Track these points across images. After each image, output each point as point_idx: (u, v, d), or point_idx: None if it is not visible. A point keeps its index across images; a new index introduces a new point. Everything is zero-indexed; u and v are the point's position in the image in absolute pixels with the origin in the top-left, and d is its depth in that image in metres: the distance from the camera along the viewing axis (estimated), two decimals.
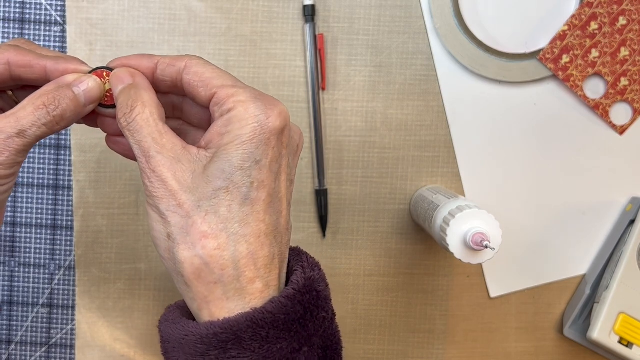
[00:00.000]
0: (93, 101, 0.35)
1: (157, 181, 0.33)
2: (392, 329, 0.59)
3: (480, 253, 0.45)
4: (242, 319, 0.32)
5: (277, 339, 0.32)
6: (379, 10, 0.56)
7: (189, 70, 0.35)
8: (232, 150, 0.33)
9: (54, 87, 0.34)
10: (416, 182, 0.58)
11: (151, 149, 0.33)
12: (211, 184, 0.33)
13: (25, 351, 0.59)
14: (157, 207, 0.33)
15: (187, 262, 0.32)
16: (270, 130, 0.33)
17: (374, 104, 0.57)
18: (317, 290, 0.34)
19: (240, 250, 0.33)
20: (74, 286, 0.58)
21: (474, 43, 0.56)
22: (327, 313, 0.35)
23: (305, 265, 0.35)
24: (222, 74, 0.35)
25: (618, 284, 0.53)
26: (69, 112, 0.34)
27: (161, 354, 0.36)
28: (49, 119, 0.33)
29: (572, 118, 0.57)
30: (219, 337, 0.32)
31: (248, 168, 0.33)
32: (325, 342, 0.34)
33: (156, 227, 0.33)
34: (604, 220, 0.58)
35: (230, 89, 0.34)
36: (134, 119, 0.34)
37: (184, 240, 0.32)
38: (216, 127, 0.34)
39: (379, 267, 0.58)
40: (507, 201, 0.58)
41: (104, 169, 0.57)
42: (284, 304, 0.33)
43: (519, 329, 0.59)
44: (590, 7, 0.55)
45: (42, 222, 0.58)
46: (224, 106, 0.34)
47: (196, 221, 0.32)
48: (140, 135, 0.34)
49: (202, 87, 0.34)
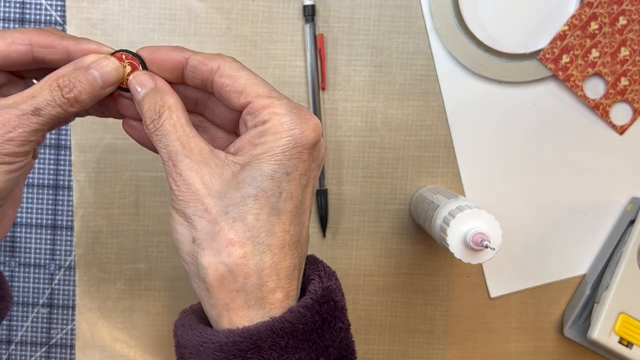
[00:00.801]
0: (111, 84, 0.35)
1: (184, 185, 0.33)
2: (392, 329, 0.59)
3: (480, 253, 0.45)
4: (262, 327, 0.32)
5: (295, 349, 0.32)
6: (379, 10, 0.56)
7: (222, 73, 0.34)
8: (264, 161, 0.32)
9: (72, 69, 0.34)
10: (416, 182, 0.58)
11: (179, 152, 0.33)
12: (240, 190, 0.32)
13: (25, 351, 0.59)
14: (182, 210, 0.33)
15: (212, 268, 0.32)
16: (303, 144, 0.33)
17: (374, 104, 0.57)
18: (334, 301, 0.34)
19: (264, 260, 0.32)
20: (74, 286, 0.58)
21: (474, 43, 0.56)
22: (343, 323, 0.35)
23: (322, 274, 0.35)
24: (256, 80, 0.34)
25: (618, 284, 0.53)
26: (84, 94, 0.33)
27: (176, 358, 0.36)
28: (63, 101, 0.33)
29: (572, 118, 0.57)
30: (239, 345, 0.32)
31: (278, 179, 0.33)
32: (341, 352, 0.34)
33: (180, 230, 0.33)
34: (604, 220, 0.58)
35: (266, 99, 0.33)
36: (162, 124, 0.33)
37: (210, 246, 0.32)
38: (249, 137, 0.34)
39: (379, 267, 0.58)
40: (507, 201, 0.58)
41: (104, 169, 0.57)
42: (302, 313, 0.32)
43: (519, 329, 0.59)
44: (590, 7, 0.55)
45: (42, 222, 0.58)
46: (259, 117, 0.33)
47: (223, 227, 0.32)
48: (168, 139, 0.33)
49: (236, 93, 0.34)
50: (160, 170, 0.57)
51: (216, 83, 0.34)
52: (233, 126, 0.38)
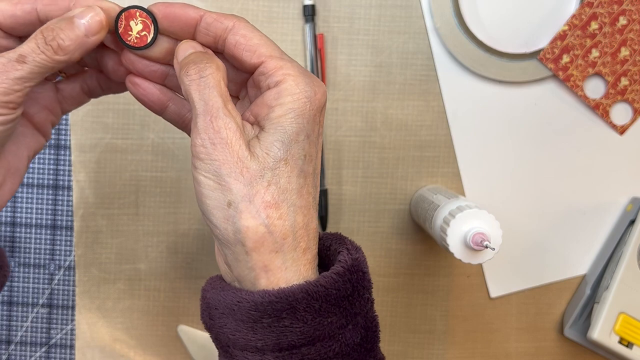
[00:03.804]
0: (95, 32, 0.34)
1: (221, 144, 0.32)
2: (392, 329, 0.59)
3: (480, 253, 0.45)
4: (297, 290, 0.32)
5: (328, 313, 0.33)
6: (379, 10, 0.56)
7: (236, 32, 0.34)
8: (287, 123, 0.33)
9: (55, 20, 0.34)
10: (416, 182, 0.58)
11: (220, 109, 0.32)
12: (271, 154, 0.33)
13: (25, 351, 0.59)
14: (216, 172, 0.32)
15: (252, 230, 0.32)
16: (317, 106, 0.34)
17: (374, 104, 0.57)
18: (362, 271, 0.35)
19: (297, 220, 0.33)
20: (73, 286, 0.58)
21: (474, 43, 0.56)
22: (370, 295, 0.36)
23: (350, 247, 0.36)
24: (269, 42, 0.35)
25: (618, 284, 0.53)
26: (67, 41, 0.33)
27: (202, 321, 0.36)
28: (47, 47, 0.33)
29: (572, 118, 0.57)
30: (274, 305, 0.32)
31: (302, 141, 0.33)
32: (367, 323, 0.35)
33: (211, 195, 0.33)
34: (604, 220, 0.58)
35: (279, 60, 0.34)
36: (207, 76, 0.33)
37: (248, 209, 0.32)
38: (265, 99, 0.34)
39: (379, 267, 0.58)
40: (507, 201, 0.58)
41: (104, 169, 0.57)
42: (335, 279, 0.33)
43: (519, 329, 0.59)
44: (590, 7, 0.55)
45: (42, 222, 0.58)
46: (273, 78, 0.34)
47: (259, 190, 0.32)
48: (211, 93, 0.33)
49: (249, 51, 0.34)
50: (160, 171, 0.57)
51: (229, 41, 0.35)
52: (236, 89, 0.38)
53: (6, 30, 0.35)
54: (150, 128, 0.57)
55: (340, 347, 0.33)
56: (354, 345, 0.34)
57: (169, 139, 0.57)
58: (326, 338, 0.33)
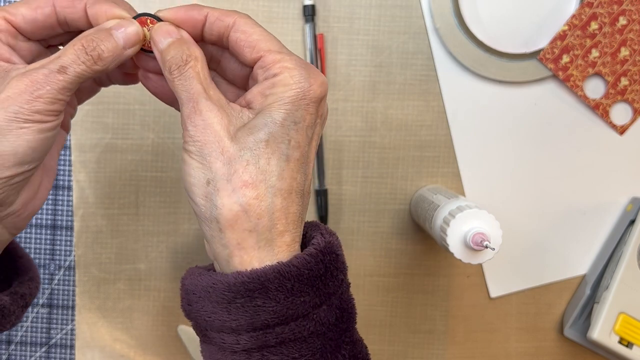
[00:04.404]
0: (132, 45, 0.36)
1: (203, 125, 0.34)
2: (392, 329, 0.59)
3: (480, 253, 0.45)
4: (269, 270, 0.33)
5: (300, 292, 0.34)
6: (379, 10, 0.56)
7: (237, 29, 0.36)
8: (275, 109, 0.34)
9: (95, 30, 0.36)
10: (416, 182, 0.58)
11: (201, 94, 0.35)
12: (252, 135, 0.34)
13: (25, 351, 0.59)
14: (199, 152, 0.34)
15: (226, 208, 0.34)
16: (310, 97, 0.35)
17: (374, 104, 0.57)
18: (336, 254, 0.36)
19: (275, 202, 0.34)
20: (73, 286, 0.58)
21: (474, 43, 0.56)
22: (344, 276, 0.37)
23: (324, 232, 0.37)
24: (269, 37, 0.36)
25: (618, 284, 0.53)
26: (106, 52, 0.35)
27: (182, 309, 0.37)
28: (87, 58, 0.35)
29: (572, 118, 0.57)
30: (247, 285, 0.33)
31: (287, 127, 0.34)
32: (342, 304, 0.36)
33: (194, 173, 0.34)
34: (604, 220, 0.58)
35: (277, 54, 0.35)
36: (187, 70, 0.35)
37: (224, 187, 0.34)
38: (259, 89, 0.35)
39: (379, 267, 0.58)
40: (507, 201, 0.58)
41: (104, 169, 0.57)
42: (307, 260, 0.34)
43: (519, 329, 0.59)
44: (590, 7, 0.55)
45: (42, 222, 0.58)
46: (270, 71, 0.35)
47: (237, 169, 0.34)
48: (191, 83, 0.35)
49: (249, 47, 0.36)
50: (160, 170, 0.57)
51: (231, 38, 0.36)
52: (243, 82, 0.39)
53: (27, 35, 0.37)
54: (150, 128, 0.57)
55: (315, 326, 0.34)
56: (329, 325, 0.35)
57: (169, 139, 0.57)
58: (300, 317, 0.34)
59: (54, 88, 0.34)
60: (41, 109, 0.34)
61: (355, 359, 0.36)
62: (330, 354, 0.35)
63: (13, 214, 0.36)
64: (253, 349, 0.34)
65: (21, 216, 0.37)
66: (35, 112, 0.34)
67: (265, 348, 0.34)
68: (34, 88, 0.33)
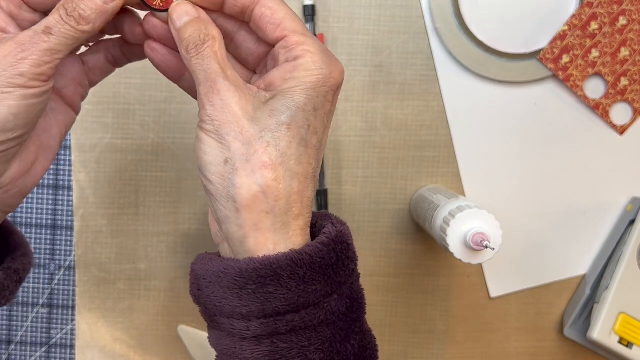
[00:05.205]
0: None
1: (221, 105, 0.34)
2: (392, 329, 0.59)
3: (480, 253, 0.45)
4: (281, 257, 0.33)
5: (312, 280, 0.34)
6: (379, 10, 0.56)
7: (263, 4, 0.35)
8: (297, 93, 0.34)
9: None
10: (416, 182, 0.58)
11: (219, 74, 0.34)
12: (275, 117, 0.34)
13: (25, 351, 0.59)
14: (217, 131, 0.34)
15: (245, 188, 0.33)
16: (330, 85, 0.35)
17: (374, 104, 0.57)
18: (347, 243, 0.36)
19: (293, 186, 0.34)
20: (74, 286, 0.58)
21: (474, 43, 0.56)
22: (355, 266, 0.36)
23: (335, 221, 0.37)
24: (294, 17, 0.36)
25: (618, 284, 0.53)
26: (87, 10, 0.34)
27: (191, 294, 0.37)
28: (69, 18, 0.34)
29: (572, 118, 0.57)
30: (259, 272, 0.33)
31: (308, 112, 0.34)
32: (352, 294, 0.36)
33: (211, 152, 0.34)
34: (604, 220, 0.58)
35: (301, 36, 0.35)
36: (205, 49, 0.35)
37: (244, 167, 0.33)
38: (280, 72, 0.35)
39: (379, 267, 0.58)
40: (507, 201, 0.58)
41: (104, 168, 0.57)
42: (319, 248, 0.34)
43: (519, 329, 0.59)
44: (590, 7, 0.55)
45: (42, 222, 0.58)
46: (293, 52, 0.35)
47: (257, 150, 0.33)
48: (209, 62, 0.34)
49: (273, 24, 0.35)
50: (160, 170, 0.57)
51: (256, 13, 0.36)
52: (256, 62, 0.39)
53: (32, 5, 0.36)
54: (150, 128, 0.57)
55: (326, 315, 0.34)
56: (340, 314, 0.35)
57: (169, 139, 0.57)
58: (311, 305, 0.34)
59: (38, 49, 0.33)
60: (25, 71, 0.33)
61: (364, 349, 0.36)
62: (339, 343, 0.35)
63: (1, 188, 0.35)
64: (263, 335, 0.34)
65: (10, 192, 0.36)
66: (19, 75, 0.33)
67: (275, 335, 0.34)
68: (19, 50, 0.33)
